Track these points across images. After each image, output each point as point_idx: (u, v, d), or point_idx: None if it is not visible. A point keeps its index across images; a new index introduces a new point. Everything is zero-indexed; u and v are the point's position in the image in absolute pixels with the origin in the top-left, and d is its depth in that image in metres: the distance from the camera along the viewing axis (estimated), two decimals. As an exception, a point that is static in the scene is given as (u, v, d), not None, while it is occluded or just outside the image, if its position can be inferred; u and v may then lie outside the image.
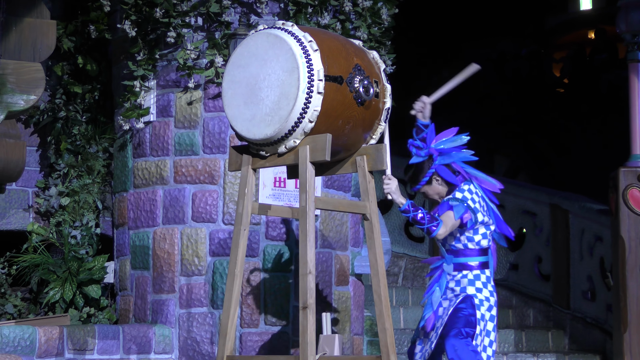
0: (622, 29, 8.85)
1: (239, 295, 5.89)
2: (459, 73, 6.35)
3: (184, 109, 7.45)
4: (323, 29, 6.71)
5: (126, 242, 7.63)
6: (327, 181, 7.51)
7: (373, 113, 5.83)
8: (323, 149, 5.57)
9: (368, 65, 5.81)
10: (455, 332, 6.01)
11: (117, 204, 7.75)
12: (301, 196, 5.61)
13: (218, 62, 7.27)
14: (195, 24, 7.35)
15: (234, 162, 5.95)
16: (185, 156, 7.43)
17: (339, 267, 7.55)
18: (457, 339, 6.00)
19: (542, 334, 9.52)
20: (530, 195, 10.35)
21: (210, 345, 7.24)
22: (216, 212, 7.35)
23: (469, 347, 6.00)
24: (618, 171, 8.61)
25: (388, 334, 5.82)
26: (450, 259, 6.18)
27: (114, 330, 7.18)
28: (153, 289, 7.43)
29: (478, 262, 6.16)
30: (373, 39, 7.63)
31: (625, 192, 8.51)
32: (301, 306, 5.53)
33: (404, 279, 10.84)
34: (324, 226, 7.48)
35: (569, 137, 16.75)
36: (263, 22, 7.24)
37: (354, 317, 7.65)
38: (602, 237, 9.29)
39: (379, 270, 5.88)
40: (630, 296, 8.40)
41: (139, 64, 7.44)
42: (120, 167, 7.74)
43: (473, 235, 6.15)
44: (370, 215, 5.91)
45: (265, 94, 5.61)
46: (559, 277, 9.82)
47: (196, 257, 7.34)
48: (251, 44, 5.73)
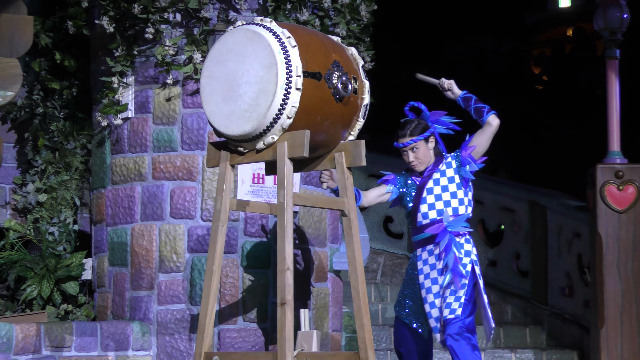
0: (600, 27, 8.88)
1: (217, 291, 5.89)
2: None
3: (162, 105, 7.44)
4: (302, 25, 6.70)
5: (104, 239, 7.61)
6: (305, 177, 7.51)
7: (351, 109, 5.84)
8: (301, 145, 5.57)
9: (346, 61, 5.82)
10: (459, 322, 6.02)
11: (95, 200, 7.73)
12: (279, 192, 5.61)
13: (196, 58, 7.26)
14: (173, 20, 7.34)
15: (212, 158, 5.94)
16: (164, 152, 7.42)
17: (317, 263, 7.55)
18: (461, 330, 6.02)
19: (520, 330, 9.55)
20: (509, 192, 10.39)
21: (188, 341, 7.23)
22: (194, 209, 7.34)
23: (470, 341, 6.02)
24: (596, 168, 8.64)
25: (366, 330, 5.82)
26: (457, 222, 6.18)
27: (92, 327, 7.16)
28: (131, 286, 7.42)
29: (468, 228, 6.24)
30: (352, 35, 7.63)
31: (603, 188, 8.55)
32: (279, 302, 5.54)
33: (382, 275, 10.86)
34: (302, 222, 7.48)
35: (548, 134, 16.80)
36: (242, 18, 7.22)
37: (332, 314, 7.65)
38: (580, 233, 9.33)
39: (357, 266, 5.89)
40: (608, 292, 8.44)
41: (117, 60, 7.42)
42: (98, 164, 7.72)
43: (471, 199, 6.24)
44: (348, 211, 5.92)
45: (243, 90, 5.61)
46: (537, 273, 9.86)
47: (174, 254, 7.33)
48: (229, 40, 5.72)
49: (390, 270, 10.89)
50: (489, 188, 10.46)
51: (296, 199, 5.79)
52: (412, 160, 6.27)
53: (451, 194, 6.22)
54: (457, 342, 6.00)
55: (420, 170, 6.28)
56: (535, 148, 16.75)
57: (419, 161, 6.26)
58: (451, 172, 6.25)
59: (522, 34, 17.85)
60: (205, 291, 5.84)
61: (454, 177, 6.24)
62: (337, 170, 5.92)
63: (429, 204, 6.23)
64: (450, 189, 6.22)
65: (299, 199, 6.04)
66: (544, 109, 16.92)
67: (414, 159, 6.26)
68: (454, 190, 6.22)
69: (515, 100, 16.91)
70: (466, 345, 6.01)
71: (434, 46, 17.16)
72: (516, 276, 10.15)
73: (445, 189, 6.22)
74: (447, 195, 6.22)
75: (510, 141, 16.71)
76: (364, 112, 5.94)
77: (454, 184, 6.23)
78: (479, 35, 17.48)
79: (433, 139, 6.30)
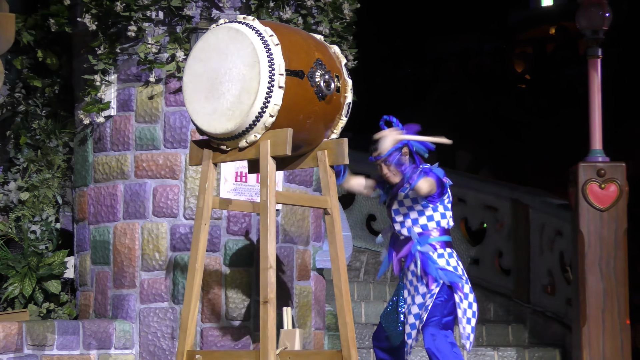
0: (582, 25, 8.91)
1: (199, 290, 5.88)
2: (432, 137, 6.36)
3: (144, 104, 7.42)
4: (284, 24, 6.70)
5: (86, 237, 7.59)
6: (288, 176, 7.51)
7: (334, 108, 5.84)
8: (284, 143, 5.57)
9: (329, 59, 5.82)
10: (436, 321, 6.04)
11: (78, 198, 7.71)
12: (262, 190, 5.61)
13: (179, 56, 7.24)
14: (156, 17, 7.32)
15: (194, 156, 5.93)
16: (146, 151, 7.40)
17: (300, 261, 7.56)
18: (437, 329, 6.02)
19: (502, 328, 9.58)
20: (492, 190, 10.42)
21: (171, 340, 7.23)
22: (177, 207, 7.33)
23: (447, 339, 6.03)
24: (578, 166, 8.67)
25: (349, 328, 5.83)
26: (425, 240, 6.18)
27: (74, 326, 7.14)
28: (113, 284, 7.40)
29: (445, 241, 6.20)
30: (335, 33, 7.63)
31: (585, 187, 8.58)
32: (262, 301, 5.54)
33: (365, 274, 10.87)
34: (285, 221, 7.48)
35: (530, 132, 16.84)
36: (225, 16, 7.21)
37: (315, 312, 7.66)
38: (562, 231, 9.36)
39: (340, 264, 5.89)
40: (590, 290, 8.47)
41: (100, 57, 7.41)
42: (81, 162, 7.70)
43: (445, 212, 6.21)
44: (331, 209, 5.92)
45: (226, 88, 5.61)
46: (519, 271, 9.89)
47: (157, 252, 7.32)
48: (212, 38, 5.72)
49: (373, 268, 10.90)
50: (471, 186, 10.48)
51: (279, 198, 5.79)
52: (385, 173, 6.30)
53: (418, 212, 6.22)
54: (434, 342, 6.01)
55: (394, 181, 6.29)
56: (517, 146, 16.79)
57: (392, 173, 6.28)
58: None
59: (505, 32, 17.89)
60: (188, 290, 5.84)
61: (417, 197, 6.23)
62: (319, 169, 5.92)
63: (399, 222, 6.27)
64: (416, 207, 6.22)
65: (282, 198, 6.04)
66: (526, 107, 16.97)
67: (387, 172, 6.29)
68: (421, 209, 6.21)
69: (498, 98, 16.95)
70: (444, 343, 6.02)
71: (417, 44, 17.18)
72: (498, 274, 10.18)
73: (412, 208, 6.23)
74: (415, 214, 6.23)
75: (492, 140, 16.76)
76: (347, 110, 5.94)
77: (419, 204, 6.22)
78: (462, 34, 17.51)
79: (407, 149, 6.28)
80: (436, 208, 6.19)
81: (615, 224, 8.56)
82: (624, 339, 8.46)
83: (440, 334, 6.03)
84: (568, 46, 16.80)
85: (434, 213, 6.20)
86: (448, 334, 6.06)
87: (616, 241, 8.55)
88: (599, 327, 8.46)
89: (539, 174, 15.99)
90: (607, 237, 8.54)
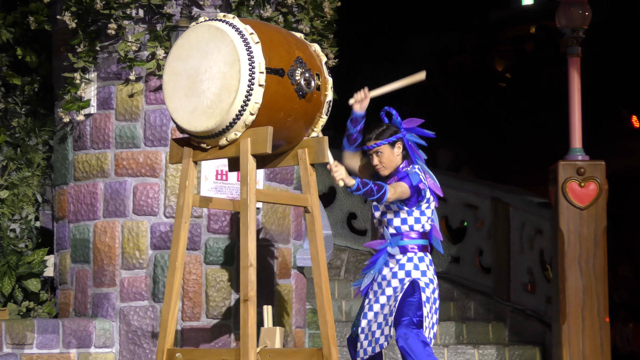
0: (562, 24, 8.94)
1: (179, 288, 5.87)
2: (406, 77, 6.34)
3: (125, 102, 7.41)
4: (265, 22, 6.70)
5: (66, 236, 7.57)
6: (269, 174, 7.51)
7: (314, 106, 5.84)
8: (264, 141, 5.57)
9: (309, 57, 5.82)
10: (407, 320, 6.03)
11: (57, 197, 7.69)
12: (242, 189, 5.61)
13: (159, 54, 7.23)
14: (136, 15, 7.31)
15: (175, 154, 5.92)
16: (127, 149, 7.39)
17: (280, 260, 7.55)
18: (409, 329, 6.02)
19: (482, 326, 9.61)
20: (472, 189, 10.44)
21: (152, 338, 7.21)
22: (157, 205, 7.32)
23: (419, 338, 6.02)
24: (558, 164, 8.70)
25: (329, 326, 5.83)
26: (396, 242, 6.17)
27: (54, 324, 7.12)
28: (93, 283, 7.38)
29: (420, 244, 6.19)
30: (315, 32, 7.63)
31: (565, 185, 8.61)
32: (242, 299, 5.53)
33: (346, 272, 10.88)
34: (266, 219, 7.47)
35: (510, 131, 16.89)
36: (205, 14, 7.21)
37: (295, 310, 7.66)
38: (542, 230, 9.39)
39: (320, 262, 5.89)
40: (569, 288, 8.50)
41: (80, 55, 7.38)
42: (61, 160, 7.68)
43: (420, 217, 6.17)
44: (311, 207, 5.92)
45: (206, 86, 5.60)
46: (499, 269, 9.92)
47: (137, 251, 7.30)
48: (192, 36, 5.70)
49: (354, 266, 10.91)
50: (452, 185, 10.50)
51: (259, 196, 5.79)
52: (376, 164, 6.26)
53: (394, 213, 6.21)
54: (407, 342, 6.00)
55: (384, 174, 6.25)
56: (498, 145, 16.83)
57: (382, 165, 6.23)
58: None
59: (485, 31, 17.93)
60: (168, 288, 5.83)
61: None
62: (300, 167, 5.92)
63: (377, 219, 6.26)
64: (392, 208, 6.20)
65: (262, 196, 6.03)
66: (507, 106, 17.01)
67: (378, 163, 6.24)
68: (396, 210, 6.20)
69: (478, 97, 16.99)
70: (416, 342, 6.01)
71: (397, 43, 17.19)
72: (479, 272, 10.21)
73: (388, 207, 6.21)
74: (391, 214, 6.21)
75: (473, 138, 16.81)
76: (327, 108, 5.94)
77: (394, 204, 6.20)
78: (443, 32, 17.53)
79: (401, 144, 6.24)
80: (411, 212, 6.17)
81: (594, 222, 8.59)
82: (604, 336, 8.49)
83: (412, 333, 6.02)
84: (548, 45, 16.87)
85: (408, 217, 6.17)
86: (419, 333, 6.05)
87: (596, 239, 8.58)
88: (579, 325, 8.49)
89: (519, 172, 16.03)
90: (587, 236, 8.57)
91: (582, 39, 8.90)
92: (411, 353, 5.99)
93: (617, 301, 15.21)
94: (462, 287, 10.24)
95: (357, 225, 11.13)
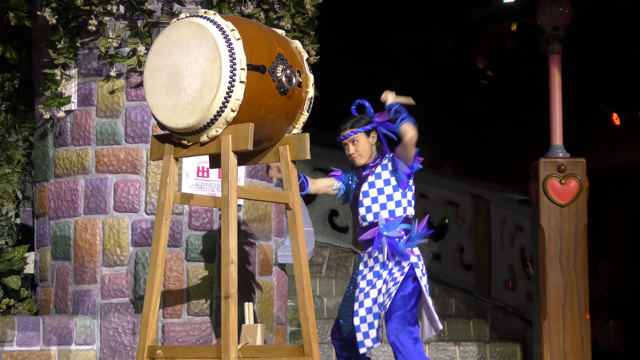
0: (542, 21, 8.96)
1: (160, 285, 5.86)
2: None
3: (105, 98, 7.39)
4: (246, 18, 6.69)
5: (47, 233, 7.54)
6: (250, 171, 7.50)
7: (296, 102, 5.83)
8: (245, 138, 5.56)
9: (291, 54, 5.81)
10: (400, 316, 6.03)
11: (38, 193, 7.66)
12: (223, 185, 5.60)
13: (140, 50, 7.21)
14: (117, 12, 7.29)
15: (155, 151, 5.91)
16: (107, 145, 7.37)
17: (262, 257, 7.55)
18: (401, 325, 6.03)
19: (463, 323, 9.62)
20: (453, 186, 10.46)
21: (132, 335, 7.20)
22: (138, 202, 7.30)
23: (412, 335, 6.04)
24: (538, 162, 8.72)
25: (310, 323, 5.83)
26: (391, 225, 6.19)
27: (34, 322, 7.10)
28: (74, 280, 7.36)
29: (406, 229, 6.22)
30: (297, 28, 7.63)
31: (546, 182, 8.63)
32: (223, 296, 5.53)
33: (327, 269, 10.88)
34: (247, 216, 7.47)
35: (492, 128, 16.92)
36: (186, 10, 7.19)
37: (277, 307, 7.66)
38: (523, 227, 9.41)
39: (302, 259, 5.89)
40: (550, 285, 8.53)
41: (60, 52, 7.36)
42: (41, 157, 7.65)
43: (410, 199, 6.24)
44: (293, 204, 5.92)
45: (187, 83, 5.59)
46: (480, 266, 9.94)
47: (118, 247, 7.29)
48: (173, 33, 5.69)
49: (336, 263, 10.92)
50: (433, 182, 10.52)
51: (240, 192, 5.78)
52: (352, 153, 6.30)
53: (387, 197, 6.23)
54: (398, 337, 6.02)
55: (360, 163, 6.30)
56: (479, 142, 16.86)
57: (358, 154, 6.28)
58: (387, 174, 6.26)
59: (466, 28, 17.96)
60: (149, 285, 5.82)
61: (389, 180, 6.25)
62: (281, 164, 5.92)
63: (366, 207, 6.26)
64: (386, 191, 6.23)
65: (244, 192, 6.02)
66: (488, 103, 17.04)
67: (354, 152, 6.29)
68: (390, 193, 6.22)
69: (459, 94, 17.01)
70: (407, 339, 6.03)
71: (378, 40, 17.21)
72: (460, 270, 10.22)
73: (381, 191, 6.24)
74: (384, 198, 6.23)
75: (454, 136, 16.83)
76: (309, 105, 5.94)
77: (390, 186, 6.23)
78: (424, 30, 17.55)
79: (375, 134, 6.31)
80: (405, 194, 6.22)
81: (575, 219, 8.62)
82: (584, 333, 8.52)
83: (405, 330, 6.04)
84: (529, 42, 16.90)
85: (402, 199, 6.21)
86: (413, 330, 6.07)
87: (576, 236, 8.60)
88: (559, 322, 8.52)
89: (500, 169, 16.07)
90: (568, 233, 8.60)
91: (562, 36, 8.92)
92: (401, 349, 6.01)
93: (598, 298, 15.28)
94: (443, 284, 10.26)
95: (339, 222, 11.14)
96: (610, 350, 14.45)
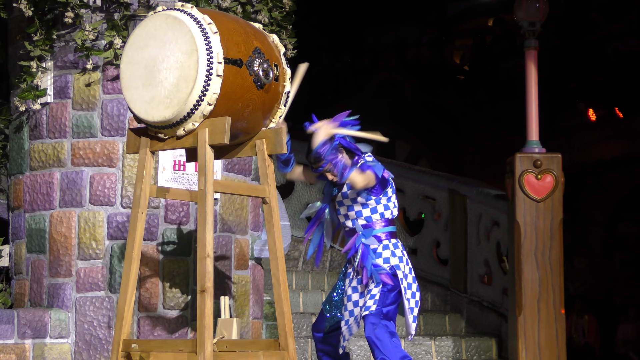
0: (519, 17, 8.98)
1: (136, 279, 5.85)
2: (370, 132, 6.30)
3: (82, 91, 7.36)
4: (223, 12, 6.67)
5: (22, 225, 7.51)
6: (227, 165, 7.49)
7: (273, 97, 5.83)
8: (222, 132, 5.56)
9: (268, 48, 5.81)
10: (376, 311, 6.05)
11: (13, 186, 7.63)
12: (200, 179, 5.59)
13: (117, 43, 7.19)
14: (93, 4, 7.26)
15: (132, 144, 5.90)
16: (83, 138, 7.34)
17: (238, 251, 7.55)
18: (377, 319, 6.04)
19: (439, 317, 9.64)
20: (430, 181, 10.46)
21: (108, 329, 7.18)
22: (114, 195, 7.28)
23: (387, 329, 6.06)
24: (514, 157, 8.74)
25: (286, 317, 5.83)
26: (369, 233, 6.19)
27: (9, 315, 7.07)
28: (49, 273, 7.34)
29: (390, 231, 6.23)
30: (274, 22, 7.62)
31: (521, 177, 8.65)
32: (199, 290, 5.52)
33: (304, 264, 10.88)
34: (223, 210, 7.46)
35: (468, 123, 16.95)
36: (163, 3, 7.17)
37: (253, 301, 7.65)
38: (499, 222, 9.44)
39: (278, 253, 5.89)
40: (526, 280, 8.55)
41: (36, 44, 7.32)
42: (16, 149, 7.62)
43: (388, 203, 6.21)
44: (269, 198, 5.91)
45: (164, 76, 5.57)
46: (456, 261, 9.96)
47: (94, 241, 7.26)
48: (150, 26, 5.67)
49: (312, 258, 10.91)
50: (409, 177, 10.53)
51: (217, 186, 5.78)
52: (331, 179, 6.27)
53: (362, 205, 6.22)
54: (374, 331, 6.04)
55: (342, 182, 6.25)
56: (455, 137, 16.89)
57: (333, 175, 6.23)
58: None
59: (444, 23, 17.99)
60: (125, 278, 5.80)
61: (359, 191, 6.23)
62: (257, 158, 5.91)
63: (343, 215, 6.27)
64: (359, 200, 6.21)
65: (220, 186, 6.02)
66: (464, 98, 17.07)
67: (333, 177, 6.24)
68: (364, 202, 6.22)
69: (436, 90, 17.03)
70: (384, 333, 6.05)
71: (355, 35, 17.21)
72: (436, 264, 10.24)
73: (355, 200, 6.22)
74: (358, 206, 6.23)
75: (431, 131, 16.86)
76: (286, 99, 5.94)
77: (363, 194, 6.20)
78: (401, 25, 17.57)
79: (342, 149, 6.23)
80: (379, 201, 6.20)
81: (551, 214, 8.65)
82: (559, 328, 8.55)
83: (381, 324, 6.06)
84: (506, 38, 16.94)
85: (377, 205, 6.20)
86: (389, 324, 6.09)
87: (552, 231, 8.63)
88: (535, 317, 8.55)
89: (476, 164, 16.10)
90: (543, 228, 8.62)
91: (539, 32, 8.94)
92: (378, 343, 6.03)
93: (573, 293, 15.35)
94: (420, 278, 10.21)
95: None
96: (585, 345, 14.53)
